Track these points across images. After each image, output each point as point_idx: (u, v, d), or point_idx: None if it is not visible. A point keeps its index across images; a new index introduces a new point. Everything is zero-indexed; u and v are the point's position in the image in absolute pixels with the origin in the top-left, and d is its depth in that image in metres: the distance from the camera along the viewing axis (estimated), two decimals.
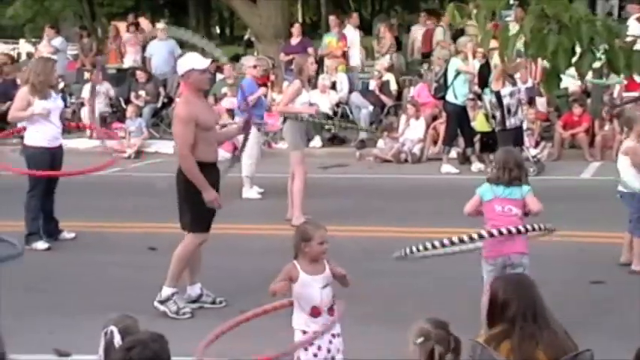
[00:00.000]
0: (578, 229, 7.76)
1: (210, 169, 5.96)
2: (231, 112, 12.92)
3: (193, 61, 6.03)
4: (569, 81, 12.23)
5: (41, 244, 7.83)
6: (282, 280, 4.27)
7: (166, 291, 5.97)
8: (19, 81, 13.29)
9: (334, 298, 4.30)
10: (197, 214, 5.95)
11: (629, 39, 3.20)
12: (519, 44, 3.12)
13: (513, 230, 4.92)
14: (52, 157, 7.91)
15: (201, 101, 6.15)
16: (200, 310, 6.09)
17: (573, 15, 2.93)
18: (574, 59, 3.09)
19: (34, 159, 7.87)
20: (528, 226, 4.98)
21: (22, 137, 8.39)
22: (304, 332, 4.24)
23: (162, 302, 5.95)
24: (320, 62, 14.91)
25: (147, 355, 2.75)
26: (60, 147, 8.08)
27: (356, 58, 15.21)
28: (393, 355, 3.83)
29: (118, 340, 3.18)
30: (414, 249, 4.92)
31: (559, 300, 6.14)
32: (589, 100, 13.47)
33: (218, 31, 32.33)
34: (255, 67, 10.65)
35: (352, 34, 15.18)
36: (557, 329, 3.28)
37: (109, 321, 3.30)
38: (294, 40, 15.10)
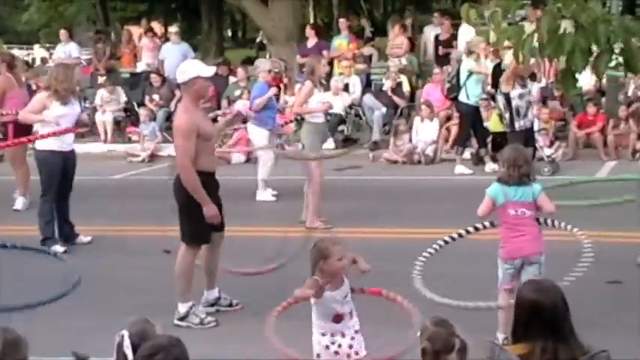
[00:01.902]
0: (594, 229, 7.70)
1: (209, 179, 5.90)
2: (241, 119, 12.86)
3: (199, 68, 5.95)
4: (584, 80, 12.17)
5: (58, 248, 7.86)
6: (309, 289, 4.22)
7: (182, 308, 5.92)
8: (34, 87, 13.37)
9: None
10: (195, 227, 5.85)
11: None
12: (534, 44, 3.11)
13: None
14: (65, 160, 7.95)
15: (200, 110, 6.04)
16: (215, 312, 6.10)
17: (590, 15, 2.89)
18: (591, 59, 3.06)
19: (46, 162, 7.91)
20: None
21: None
22: (323, 334, 4.24)
23: (182, 319, 5.88)
24: (330, 64, 14.92)
25: None
26: (72, 151, 8.11)
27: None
28: (406, 356, 3.83)
29: (127, 344, 3.18)
30: None
31: (575, 299, 6.10)
32: (603, 99, 13.40)
33: (230, 34, 32.38)
34: (269, 71, 10.64)
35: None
36: (574, 341, 3.17)
37: (126, 324, 3.31)
38: (310, 43, 15.07)
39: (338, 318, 4.24)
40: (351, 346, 4.25)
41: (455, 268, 6.81)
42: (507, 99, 9.57)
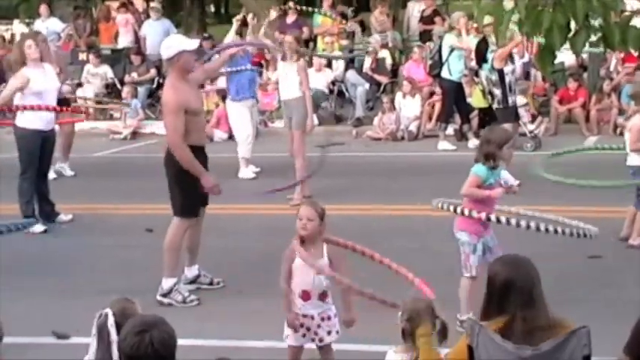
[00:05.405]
0: (577, 204, 7.75)
1: (199, 153, 5.85)
2: (222, 95, 12.78)
3: (183, 42, 5.90)
4: (566, 56, 12.17)
5: (38, 227, 7.80)
6: (285, 272, 4.20)
7: (167, 283, 5.86)
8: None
9: (329, 283, 4.21)
10: (188, 200, 5.83)
11: (625, 14, 3.17)
12: (513, 20, 3.09)
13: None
14: (44, 140, 7.85)
15: (188, 85, 5.94)
16: (197, 291, 6.09)
17: None
18: (569, 36, 3.05)
19: (24, 141, 7.80)
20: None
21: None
22: (295, 314, 4.21)
23: (165, 295, 5.83)
24: (313, 40, 14.86)
25: (164, 337, 2.73)
26: (52, 130, 8.01)
27: None
28: (392, 336, 3.84)
29: (111, 322, 3.17)
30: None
31: (557, 275, 6.17)
32: (585, 75, 13.41)
33: (213, 9, 32.08)
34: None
35: None
36: (547, 313, 3.15)
37: (107, 304, 3.30)
38: (290, 19, 14.97)
39: (305, 295, 4.19)
40: (316, 333, 4.22)
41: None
42: (501, 76, 9.55)
